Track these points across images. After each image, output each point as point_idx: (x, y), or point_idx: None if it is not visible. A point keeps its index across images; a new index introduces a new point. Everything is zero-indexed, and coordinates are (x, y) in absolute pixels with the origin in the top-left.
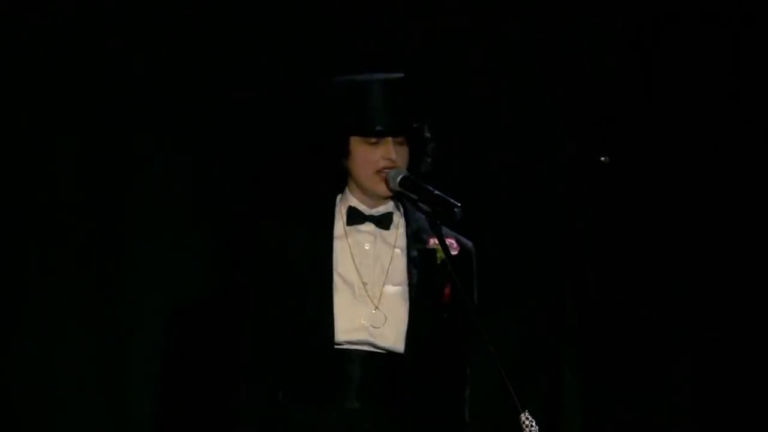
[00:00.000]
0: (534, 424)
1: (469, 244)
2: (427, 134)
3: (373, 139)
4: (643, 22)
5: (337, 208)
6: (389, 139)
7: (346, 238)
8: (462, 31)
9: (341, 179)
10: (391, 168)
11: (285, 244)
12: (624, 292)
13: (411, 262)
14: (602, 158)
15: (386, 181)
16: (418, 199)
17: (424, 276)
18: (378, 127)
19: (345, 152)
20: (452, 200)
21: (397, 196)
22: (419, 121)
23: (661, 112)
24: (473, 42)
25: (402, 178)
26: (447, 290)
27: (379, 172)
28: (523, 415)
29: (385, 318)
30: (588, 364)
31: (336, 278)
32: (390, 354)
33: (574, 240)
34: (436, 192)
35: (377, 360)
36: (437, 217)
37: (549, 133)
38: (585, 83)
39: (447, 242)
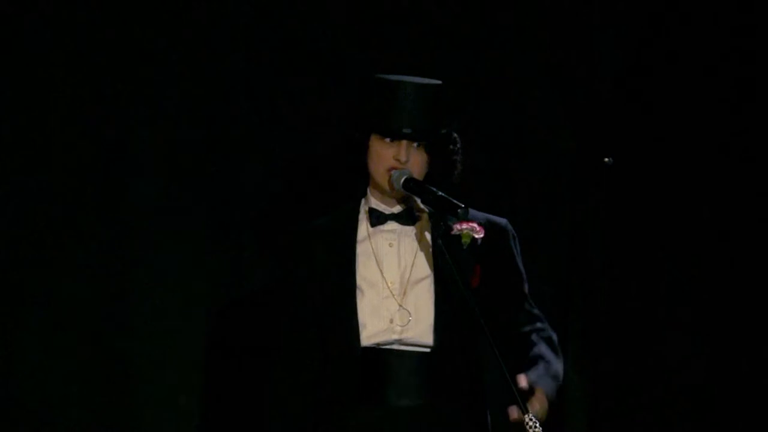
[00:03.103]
0: (538, 425)
1: (502, 222)
2: (453, 145)
3: (389, 139)
4: (644, 22)
5: (362, 211)
6: (404, 141)
7: (370, 239)
8: (462, 32)
9: (363, 178)
10: (397, 168)
11: (310, 254)
12: (629, 293)
13: (436, 253)
14: (606, 159)
15: (390, 182)
16: (422, 200)
17: (451, 264)
18: (391, 128)
19: (364, 147)
20: (456, 201)
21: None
22: (440, 130)
23: (662, 112)
24: (473, 42)
25: (405, 180)
26: (477, 273)
27: (388, 171)
28: (527, 416)
29: (410, 314)
30: (593, 365)
31: (360, 282)
32: (420, 349)
33: (579, 241)
34: (440, 193)
35: (408, 357)
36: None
37: (553, 133)
38: (587, 83)
39: (470, 226)
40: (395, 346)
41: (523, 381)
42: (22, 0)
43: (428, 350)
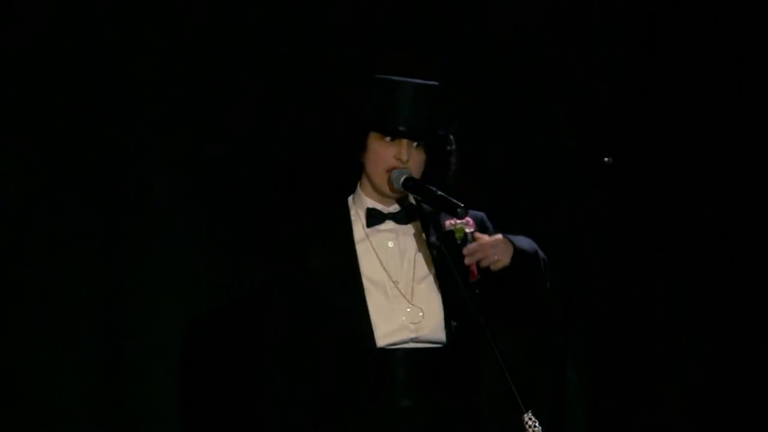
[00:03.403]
0: (537, 424)
1: (482, 215)
2: (450, 146)
3: (389, 138)
4: (644, 22)
5: (353, 211)
6: (404, 140)
7: (368, 239)
8: (462, 32)
9: (354, 176)
10: (398, 168)
11: (305, 256)
12: (629, 293)
13: (433, 250)
14: (606, 159)
15: (390, 182)
16: (421, 200)
17: (449, 261)
18: (393, 127)
19: (362, 146)
20: (455, 201)
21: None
22: (441, 130)
23: (662, 112)
24: (473, 42)
25: (405, 179)
26: (475, 266)
27: (387, 170)
28: (526, 415)
29: (422, 312)
30: (593, 365)
31: (365, 282)
32: (433, 346)
33: (580, 240)
34: (439, 193)
35: (421, 355)
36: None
37: (553, 133)
38: (587, 83)
39: (464, 220)
40: (409, 345)
41: (482, 236)
42: (22, 0)
43: (440, 346)
